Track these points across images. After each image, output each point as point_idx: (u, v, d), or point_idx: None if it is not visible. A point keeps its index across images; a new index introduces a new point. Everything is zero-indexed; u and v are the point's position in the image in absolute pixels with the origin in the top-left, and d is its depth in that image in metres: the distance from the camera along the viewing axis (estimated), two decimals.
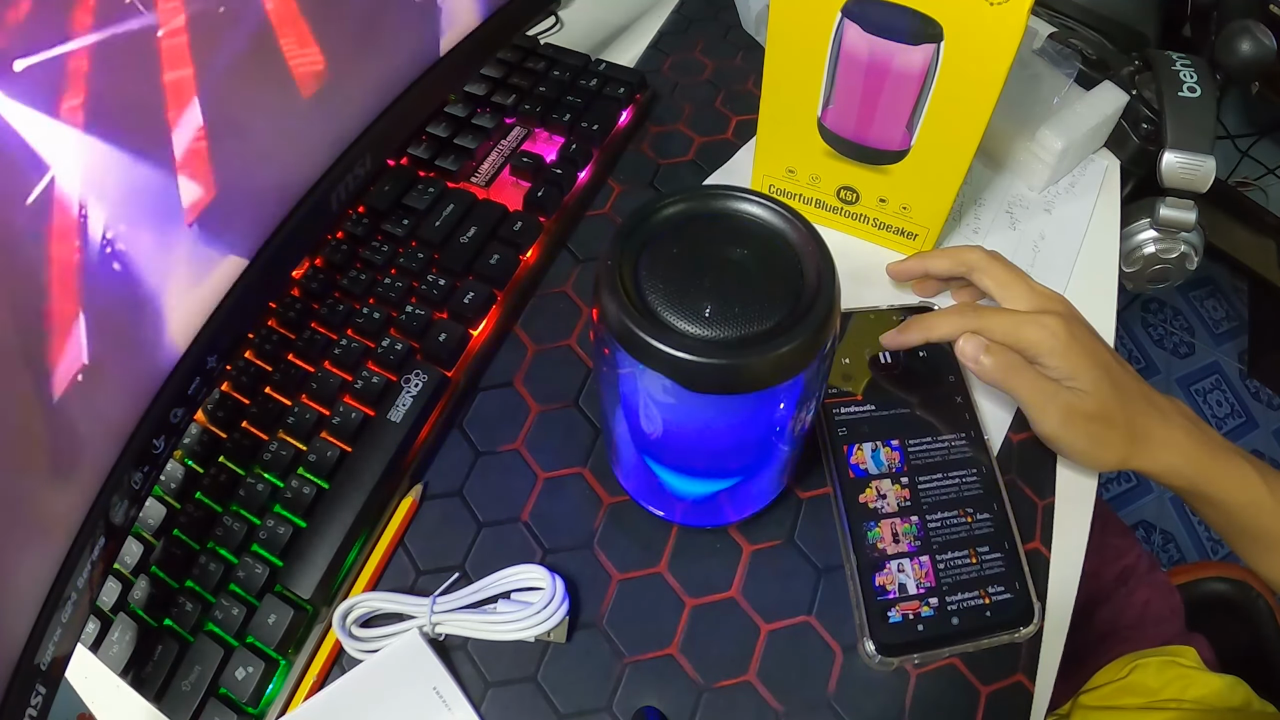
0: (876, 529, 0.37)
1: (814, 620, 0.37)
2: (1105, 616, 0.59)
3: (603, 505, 0.40)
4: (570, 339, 0.45)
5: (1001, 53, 0.35)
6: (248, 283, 0.37)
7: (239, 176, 0.34)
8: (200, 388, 0.36)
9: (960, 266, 0.42)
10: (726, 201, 0.28)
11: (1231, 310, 1.42)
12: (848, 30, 0.38)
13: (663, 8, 0.63)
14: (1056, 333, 0.37)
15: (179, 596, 0.37)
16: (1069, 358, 0.37)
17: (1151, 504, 1.24)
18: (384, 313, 0.43)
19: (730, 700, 0.35)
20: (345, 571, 0.38)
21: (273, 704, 0.35)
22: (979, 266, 0.41)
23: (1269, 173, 1.33)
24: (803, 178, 0.47)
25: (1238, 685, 0.54)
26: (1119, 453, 0.38)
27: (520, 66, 0.55)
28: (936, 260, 0.43)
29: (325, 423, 0.40)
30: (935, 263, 0.43)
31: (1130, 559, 0.61)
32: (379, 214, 0.48)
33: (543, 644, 0.37)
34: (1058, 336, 0.37)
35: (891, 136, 0.42)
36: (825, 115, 0.43)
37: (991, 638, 0.35)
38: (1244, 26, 0.53)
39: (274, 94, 0.35)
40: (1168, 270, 0.53)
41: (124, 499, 0.33)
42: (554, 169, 0.49)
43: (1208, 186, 0.48)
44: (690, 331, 0.25)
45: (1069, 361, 0.37)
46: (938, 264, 0.43)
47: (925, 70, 0.38)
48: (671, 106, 0.56)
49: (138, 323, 0.31)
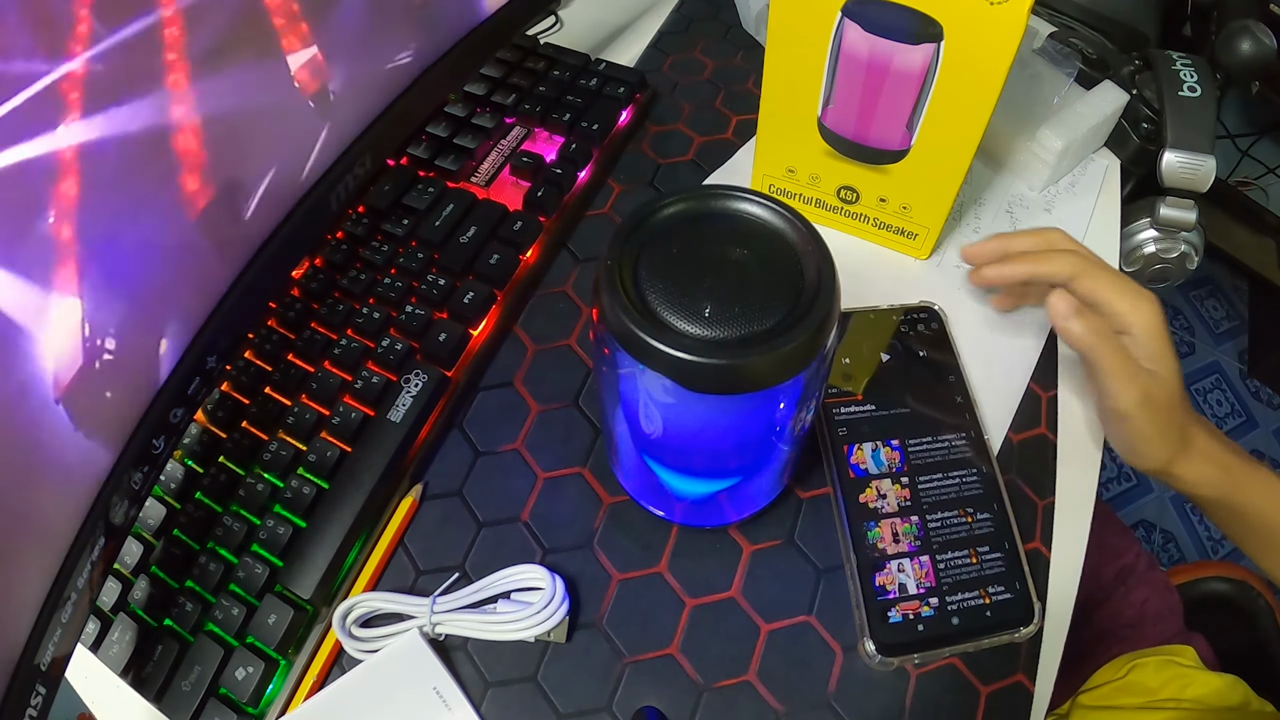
0: (876, 529, 0.37)
1: (814, 620, 0.37)
2: (1104, 616, 0.59)
3: (603, 505, 0.40)
4: (570, 339, 0.45)
5: (1001, 52, 0.35)
6: (248, 282, 0.37)
7: (239, 175, 0.34)
8: (200, 388, 0.36)
9: (1043, 243, 0.41)
10: (726, 201, 0.28)
11: (1231, 310, 1.43)
12: (848, 30, 0.38)
13: (663, 8, 0.63)
14: (1156, 310, 0.37)
15: (179, 596, 0.37)
16: (1161, 339, 0.37)
17: (1151, 504, 1.24)
18: (384, 313, 0.43)
19: (730, 700, 0.35)
20: (345, 571, 0.38)
21: (273, 704, 0.35)
22: (1060, 243, 0.40)
23: (1269, 172, 1.33)
24: (803, 177, 0.47)
25: (1236, 684, 0.54)
26: (1169, 452, 0.38)
27: (520, 66, 0.55)
28: (1018, 239, 0.42)
29: (325, 423, 0.40)
30: (1017, 241, 0.42)
31: (1129, 558, 0.61)
32: (379, 214, 0.48)
33: (543, 644, 0.37)
34: (1156, 314, 0.37)
35: (891, 136, 0.42)
36: (825, 115, 0.43)
37: (991, 638, 0.35)
38: (1244, 26, 0.53)
39: (274, 93, 0.35)
40: (1168, 270, 0.53)
41: (124, 499, 0.33)
42: (554, 169, 0.49)
43: (1208, 186, 0.48)
44: (690, 331, 0.25)
45: (1160, 343, 0.37)
46: (1020, 242, 0.42)
47: (925, 70, 0.38)
48: (671, 106, 0.56)
49: (137, 322, 0.31)
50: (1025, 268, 0.40)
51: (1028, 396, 0.43)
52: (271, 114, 0.35)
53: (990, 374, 0.43)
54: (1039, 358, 0.44)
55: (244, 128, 0.34)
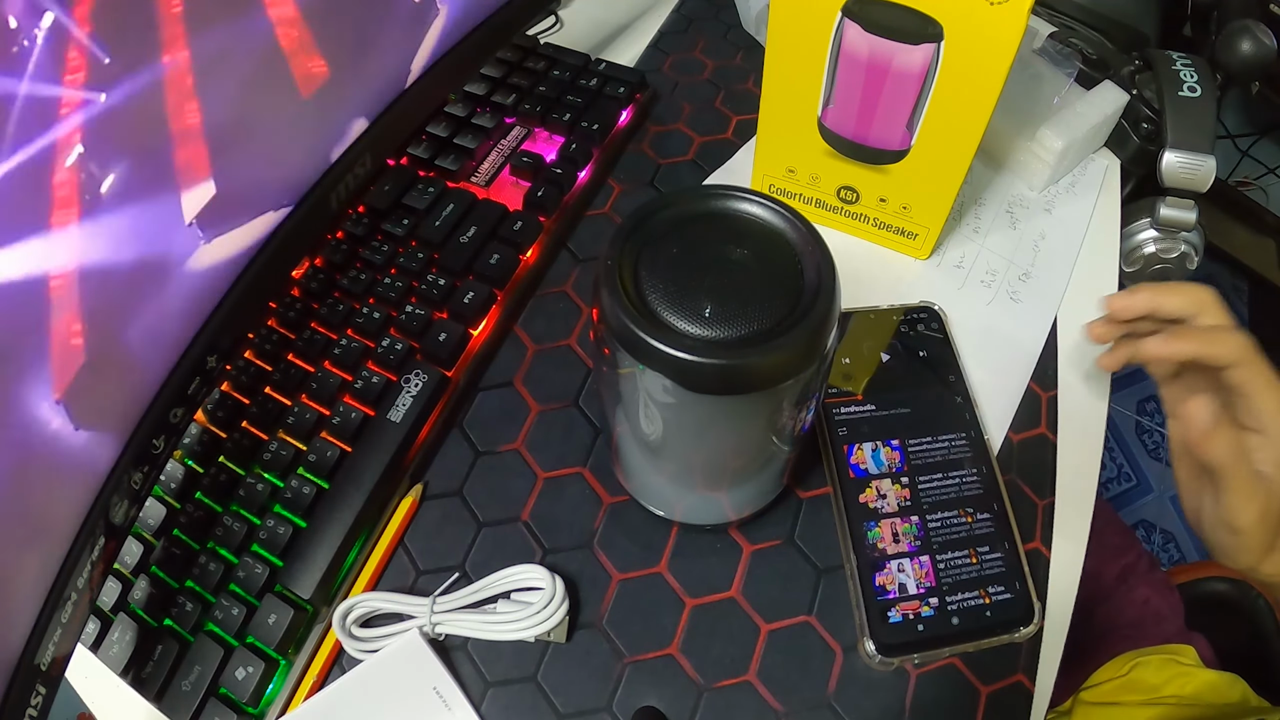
0: (876, 529, 0.37)
1: (814, 620, 0.37)
2: (1105, 615, 0.60)
3: (603, 505, 0.40)
4: (570, 339, 0.45)
5: (1002, 52, 0.35)
6: (248, 282, 0.37)
7: (239, 176, 0.34)
8: (200, 388, 0.36)
9: (1194, 305, 0.38)
10: (726, 201, 0.28)
11: (1231, 310, 1.42)
12: (848, 30, 0.38)
13: (663, 7, 0.63)
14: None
15: (179, 596, 0.37)
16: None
17: (1152, 504, 1.24)
18: (384, 312, 0.43)
19: (730, 700, 0.35)
20: (345, 571, 0.38)
21: (273, 704, 0.35)
22: (1213, 309, 0.37)
23: (1269, 172, 1.33)
24: (803, 177, 0.47)
25: (1236, 682, 0.54)
26: (1265, 556, 0.35)
27: (520, 66, 0.55)
28: (1169, 298, 0.38)
29: (325, 423, 0.40)
30: (1167, 301, 0.38)
31: (1130, 558, 0.61)
32: (379, 214, 0.48)
33: (543, 644, 0.37)
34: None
35: (891, 136, 0.42)
36: (825, 115, 0.43)
37: (992, 638, 0.35)
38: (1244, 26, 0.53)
39: (274, 94, 0.35)
40: (1168, 270, 0.53)
41: (124, 499, 0.33)
42: (554, 168, 0.49)
43: (1208, 186, 0.48)
44: (690, 331, 0.25)
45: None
46: (1171, 302, 0.38)
47: (925, 70, 0.38)
48: (671, 106, 0.56)
49: (137, 322, 0.31)
50: (1191, 347, 0.36)
51: (1028, 396, 0.43)
52: (271, 114, 0.35)
53: (990, 374, 0.43)
54: (1039, 358, 0.44)
55: (244, 128, 0.34)
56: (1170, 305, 0.38)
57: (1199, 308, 0.37)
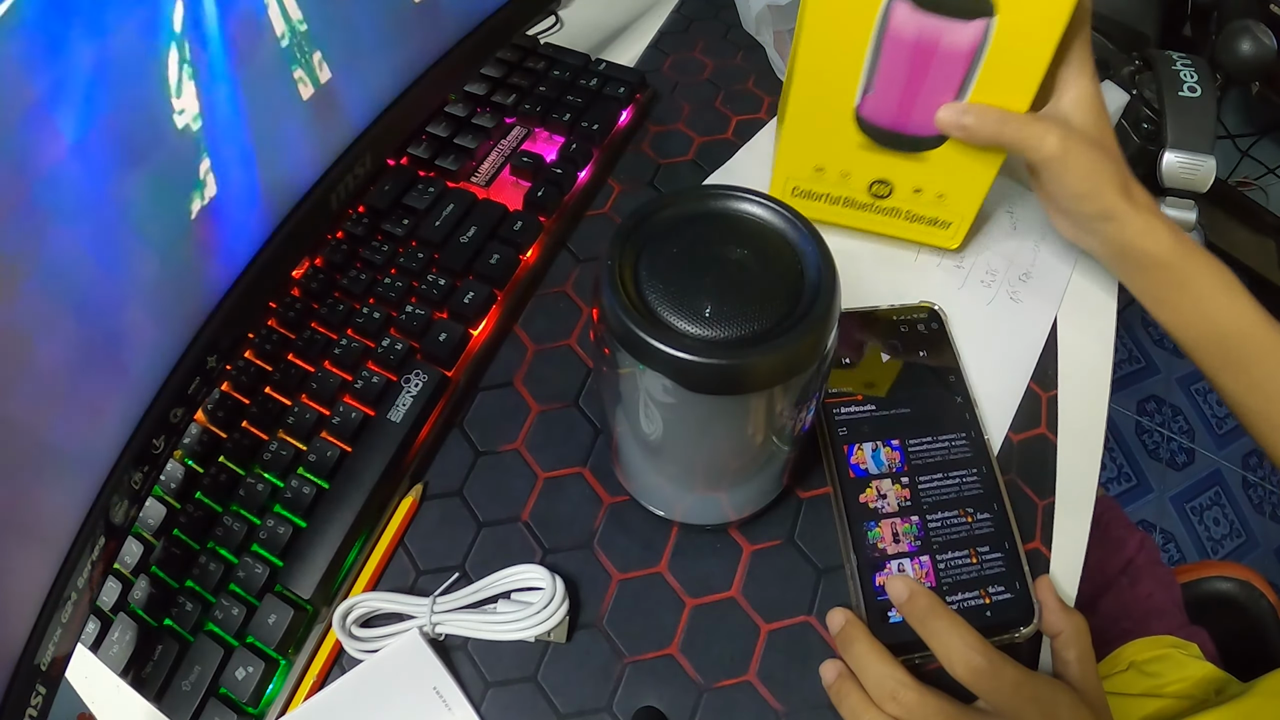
0: (877, 529, 0.37)
1: (814, 620, 0.37)
2: (1108, 607, 0.60)
3: (603, 505, 0.40)
4: (570, 339, 0.45)
5: (1053, 25, 0.35)
6: (248, 282, 0.37)
7: (239, 175, 0.34)
8: (200, 388, 0.36)
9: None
10: (726, 201, 0.28)
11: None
12: (896, 10, 0.36)
13: (663, 8, 0.63)
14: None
15: (179, 596, 0.37)
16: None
17: (1152, 503, 1.24)
18: (384, 312, 0.43)
19: (730, 700, 0.35)
20: (345, 571, 0.38)
21: (273, 704, 0.35)
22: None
23: (1269, 172, 1.34)
24: (832, 175, 0.45)
25: (1235, 684, 0.54)
26: (1112, 189, 0.39)
27: (520, 66, 0.55)
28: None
29: (325, 423, 0.40)
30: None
31: (1132, 551, 0.62)
32: (379, 214, 0.48)
33: (543, 644, 0.37)
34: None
35: (933, 121, 0.41)
36: (863, 105, 0.41)
37: (992, 638, 0.35)
38: (1244, 26, 0.53)
39: (274, 93, 0.35)
40: None
41: (124, 499, 0.33)
42: (554, 169, 0.49)
43: (1208, 186, 0.48)
44: (690, 331, 0.25)
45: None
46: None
47: (974, 48, 0.36)
48: (671, 106, 0.56)
49: (137, 322, 0.31)
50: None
51: (1028, 396, 0.43)
52: (271, 113, 0.35)
53: (990, 374, 0.43)
54: (1039, 358, 0.44)
55: (244, 128, 0.34)
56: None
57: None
